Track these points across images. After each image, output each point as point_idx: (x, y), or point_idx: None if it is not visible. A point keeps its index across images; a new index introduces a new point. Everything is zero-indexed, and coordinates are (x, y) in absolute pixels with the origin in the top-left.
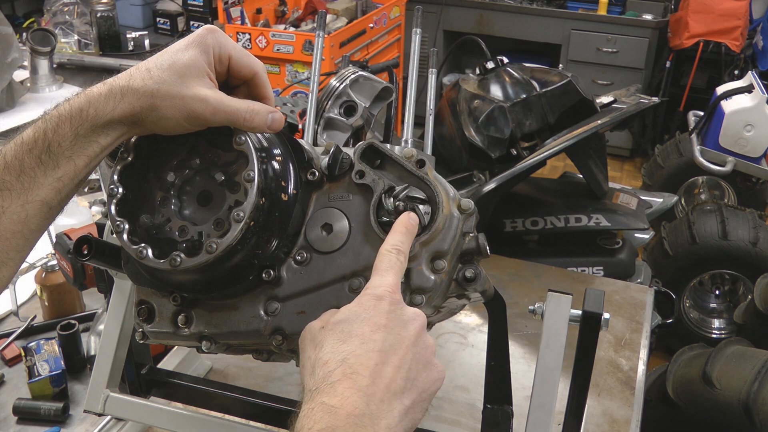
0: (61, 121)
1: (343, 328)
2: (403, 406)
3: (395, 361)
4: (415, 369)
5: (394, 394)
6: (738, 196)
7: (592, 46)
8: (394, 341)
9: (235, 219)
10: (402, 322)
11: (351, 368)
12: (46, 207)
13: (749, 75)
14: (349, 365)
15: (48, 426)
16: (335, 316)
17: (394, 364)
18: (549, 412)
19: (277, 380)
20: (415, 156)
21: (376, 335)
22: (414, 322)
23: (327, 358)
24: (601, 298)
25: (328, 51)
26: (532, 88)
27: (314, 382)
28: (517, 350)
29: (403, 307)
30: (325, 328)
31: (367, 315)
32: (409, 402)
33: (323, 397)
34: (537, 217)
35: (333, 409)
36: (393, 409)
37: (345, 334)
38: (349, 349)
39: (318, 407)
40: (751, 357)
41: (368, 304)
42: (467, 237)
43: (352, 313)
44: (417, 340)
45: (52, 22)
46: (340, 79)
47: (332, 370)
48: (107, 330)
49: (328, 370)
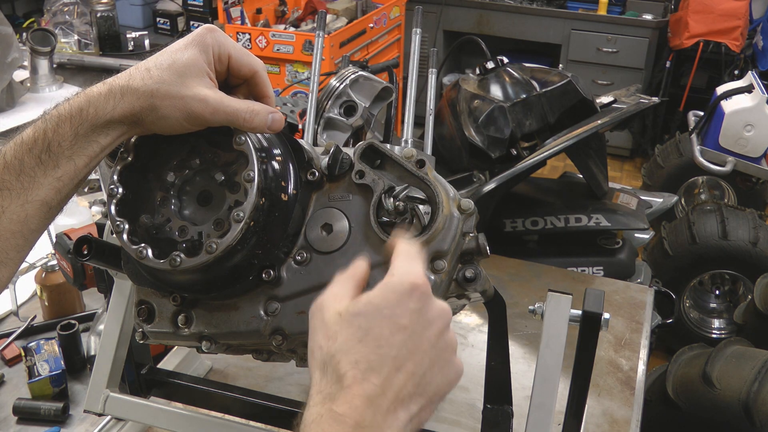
0: (61, 120)
1: (361, 323)
2: (410, 413)
3: (410, 367)
4: (430, 373)
5: (401, 402)
6: (738, 196)
7: (592, 46)
8: (413, 345)
9: (235, 219)
10: (425, 321)
11: (363, 374)
12: (45, 207)
13: (749, 75)
14: (361, 371)
15: (48, 426)
16: (355, 306)
17: (408, 370)
18: (549, 412)
19: (277, 380)
20: (415, 156)
21: (395, 338)
22: (439, 321)
23: (339, 357)
24: (601, 298)
25: (328, 51)
26: (532, 88)
27: (325, 383)
28: (517, 350)
29: (430, 303)
30: (341, 318)
31: (389, 312)
32: (417, 408)
33: (333, 404)
34: (537, 217)
35: (341, 418)
36: (398, 418)
37: (362, 331)
38: (364, 351)
39: (327, 415)
40: (751, 357)
41: (391, 298)
42: (467, 237)
43: (373, 307)
44: (438, 341)
45: (52, 22)
46: (340, 79)
47: (344, 372)
48: (107, 330)
49: (341, 372)
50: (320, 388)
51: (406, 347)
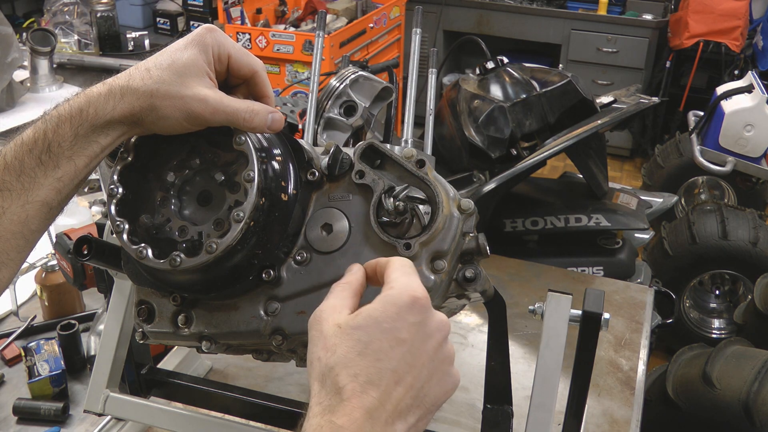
0: (61, 121)
1: (360, 337)
2: (408, 425)
3: (408, 380)
4: (428, 385)
5: (399, 414)
6: (738, 196)
7: (592, 46)
8: (412, 358)
9: (235, 219)
10: (425, 335)
11: (362, 387)
12: (46, 207)
13: (749, 75)
14: (361, 383)
15: (48, 426)
16: (354, 319)
17: (407, 383)
18: (549, 412)
19: (277, 380)
20: (415, 156)
21: (394, 352)
22: (437, 334)
23: (338, 370)
24: (601, 298)
25: (328, 51)
26: (532, 88)
27: (324, 394)
28: (517, 350)
29: (430, 316)
30: (341, 331)
31: (389, 325)
32: (414, 419)
33: (332, 416)
34: (537, 217)
35: (341, 430)
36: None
37: (362, 345)
38: (363, 364)
39: (327, 426)
40: (751, 357)
41: (391, 311)
42: (467, 237)
43: (372, 320)
44: (436, 354)
45: (52, 22)
46: (340, 79)
47: (343, 385)
48: (107, 330)
49: (340, 384)
50: (319, 399)
51: (405, 360)
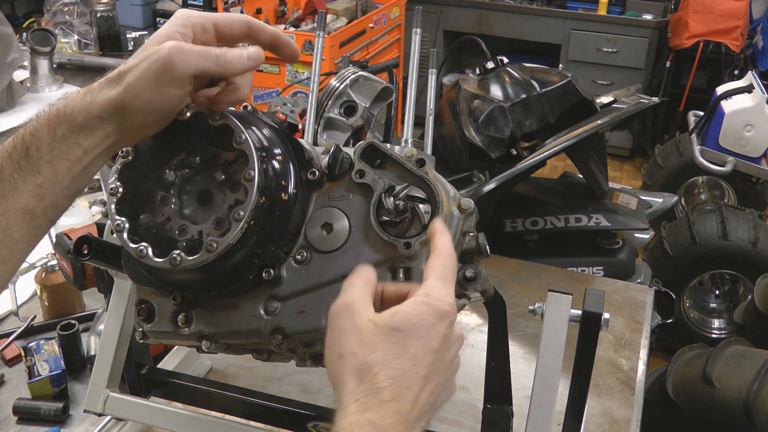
0: (39, 124)
1: (399, 339)
2: (422, 426)
3: (431, 387)
4: (440, 390)
5: (422, 416)
6: (738, 196)
7: (592, 46)
8: (437, 367)
9: (235, 218)
10: (448, 345)
11: (399, 391)
12: (28, 215)
13: (749, 75)
14: (399, 387)
15: (48, 426)
16: (391, 320)
17: (430, 390)
18: (549, 412)
19: (277, 380)
20: (415, 156)
21: (426, 359)
22: (455, 345)
23: (377, 369)
24: (601, 298)
25: (328, 51)
26: (532, 88)
27: (362, 392)
28: (517, 350)
29: (454, 330)
30: (378, 329)
31: (424, 332)
32: (425, 421)
33: (372, 415)
34: (537, 217)
35: (380, 430)
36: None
37: (400, 348)
38: (401, 367)
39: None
40: (751, 357)
41: (428, 320)
42: (467, 236)
43: (411, 325)
44: (451, 364)
45: (52, 22)
46: (340, 79)
47: (384, 386)
48: (107, 330)
49: (379, 385)
50: (356, 396)
51: (432, 368)
